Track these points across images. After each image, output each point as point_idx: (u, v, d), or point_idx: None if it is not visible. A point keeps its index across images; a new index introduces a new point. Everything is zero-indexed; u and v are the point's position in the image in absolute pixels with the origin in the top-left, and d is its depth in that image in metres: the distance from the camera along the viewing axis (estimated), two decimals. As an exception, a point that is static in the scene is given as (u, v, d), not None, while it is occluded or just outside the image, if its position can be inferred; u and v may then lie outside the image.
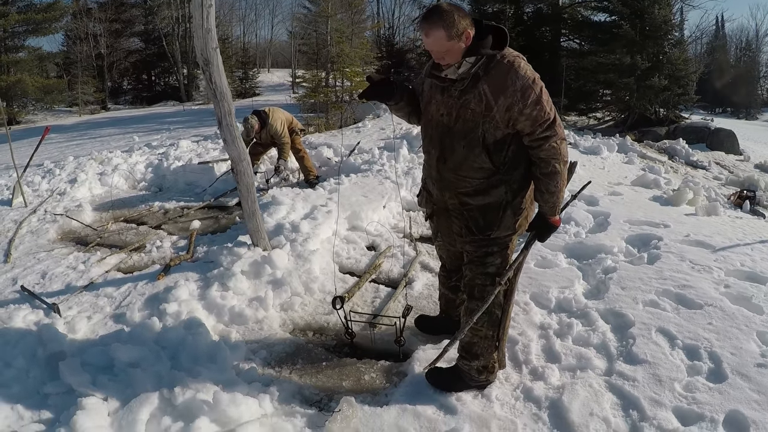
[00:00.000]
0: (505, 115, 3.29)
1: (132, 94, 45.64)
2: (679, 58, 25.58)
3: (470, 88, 3.36)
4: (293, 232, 6.32)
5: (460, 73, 3.36)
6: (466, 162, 3.51)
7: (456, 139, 3.50)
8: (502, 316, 3.78)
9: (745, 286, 5.32)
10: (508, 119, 3.30)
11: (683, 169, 17.47)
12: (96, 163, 11.31)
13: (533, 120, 3.27)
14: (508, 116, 3.29)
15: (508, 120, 3.31)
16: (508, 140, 3.42)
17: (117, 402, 3.56)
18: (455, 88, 3.43)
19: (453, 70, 3.37)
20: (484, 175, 3.51)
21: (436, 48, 3.30)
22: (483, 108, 3.33)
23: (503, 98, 3.25)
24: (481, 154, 3.44)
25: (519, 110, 3.25)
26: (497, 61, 3.30)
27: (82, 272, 6.03)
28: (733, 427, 3.53)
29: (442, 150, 3.61)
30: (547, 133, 3.30)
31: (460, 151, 3.50)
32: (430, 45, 3.31)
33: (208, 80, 5.36)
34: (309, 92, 20.43)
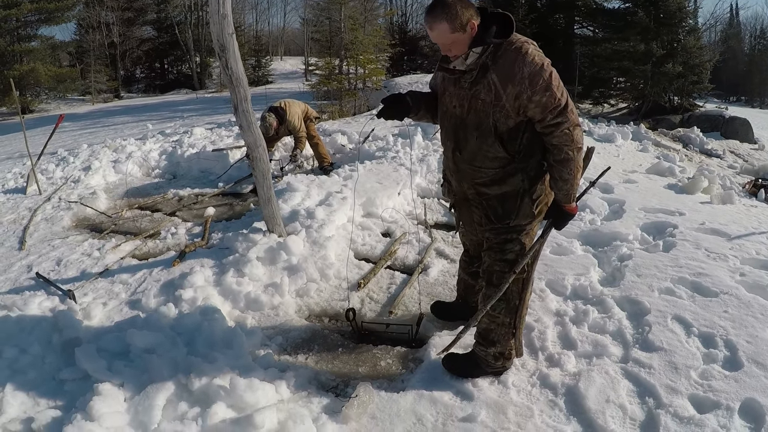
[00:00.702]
0: (515, 103, 3.26)
1: (145, 82, 45.63)
2: (694, 46, 25.38)
3: (480, 79, 3.34)
4: (308, 219, 6.32)
5: (468, 64, 3.34)
6: (480, 152, 3.50)
7: (469, 130, 3.49)
8: (520, 304, 3.77)
9: (760, 275, 5.29)
10: (518, 107, 3.27)
11: (698, 158, 17.40)
12: (110, 151, 11.35)
13: (543, 106, 3.22)
14: (518, 104, 3.26)
15: (518, 108, 3.28)
16: (521, 128, 3.39)
17: (133, 388, 3.55)
18: (465, 80, 3.42)
19: (461, 62, 3.36)
20: (500, 165, 3.49)
21: (441, 41, 3.30)
22: (493, 97, 3.31)
23: (511, 86, 3.23)
24: (494, 143, 3.42)
25: (528, 97, 3.21)
26: (504, 48, 3.27)
27: (97, 259, 6.06)
28: (749, 415, 3.51)
29: (457, 142, 3.62)
30: (558, 119, 3.25)
31: (474, 142, 3.49)
32: (435, 38, 3.30)
33: (223, 66, 5.36)
34: (322, 80, 20.41)
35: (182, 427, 3.20)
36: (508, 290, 3.68)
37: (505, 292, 3.68)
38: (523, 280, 3.73)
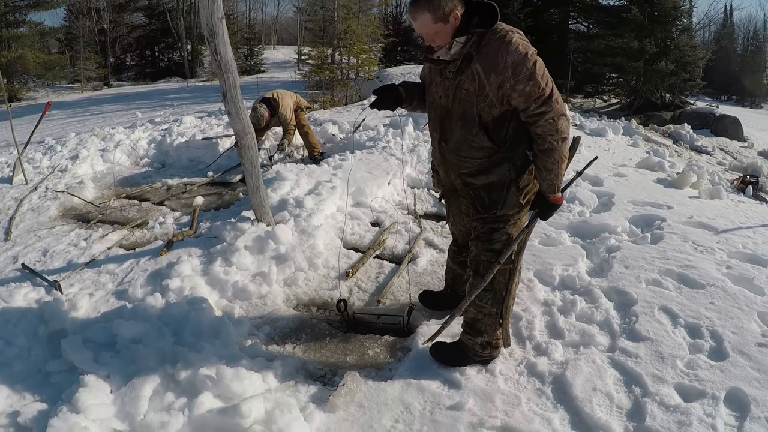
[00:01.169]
0: (498, 92, 3.24)
1: (135, 70, 45.30)
2: (687, 44, 25.53)
3: (464, 68, 3.33)
4: (297, 208, 6.31)
5: (452, 53, 3.34)
6: (465, 143, 3.50)
7: (454, 120, 3.49)
8: (506, 295, 3.77)
9: (746, 268, 5.33)
10: (502, 96, 3.25)
11: (687, 154, 17.49)
12: (98, 140, 11.28)
13: (527, 96, 3.20)
14: (501, 93, 3.24)
15: (501, 97, 3.26)
16: (507, 117, 3.37)
17: (120, 378, 3.54)
18: (449, 69, 3.41)
19: (444, 52, 3.35)
20: (485, 155, 3.48)
21: (424, 31, 3.30)
22: (476, 87, 3.30)
23: (494, 75, 3.21)
24: (479, 133, 3.41)
25: (511, 86, 3.19)
26: (488, 38, 3.26)
27: (84, 249, 6.02)
28: (734, 404, 3.55)
29: (443, 132, 3.61)
30: (542, 108, 3.22)
31: (459, 132, 3.49)
32: (418, 28, 3.30)
33: (213, 51, 5.33)
34: (314, 69, 20.39)
35: (169, 418, 3.19)
36: (495, 280, 3.70)
37: (492, 283, 3.70)
38: (510, 271, 3.73)
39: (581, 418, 3.46)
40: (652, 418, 3.40)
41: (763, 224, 6.85)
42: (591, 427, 3.39)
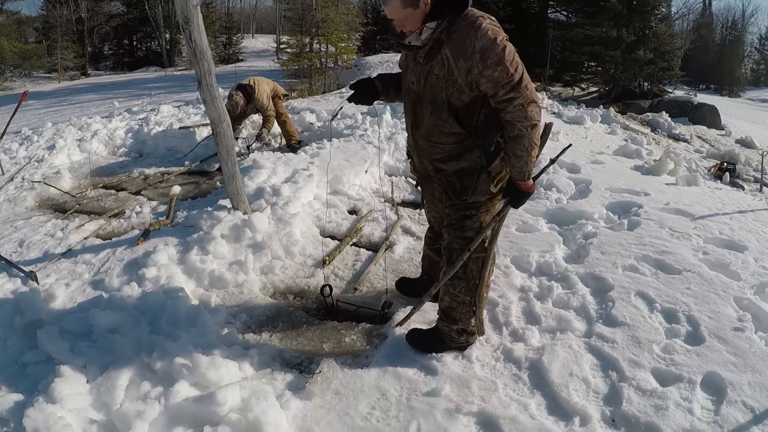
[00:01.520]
0: (467, 77, 3.21)
1: (113, 59, 45.05)
2: (665, 33, 25.74)
3: (434, 54, 3.30)
4: (274, 196, 6.29)
5: (423, 39, 3.31)
6: (435, 128, 3.47)
7: (424, 105, 3.47)
8: (479, 283, 3.77)
9: (723, 254, 5.38)
10: (471, 82, 3.22)
11: (665, 142, 17.60)
12: (75, 129, 11.16)
13: (495, 81, 3.16)
14: (470, 79, 3.21)
15: (470, 83, 3.23)
16: (478, 104, 3.35)
17: (96, 368, 3.51)
18: (420, 55, 3.39)
19: (415, 37, 3.32)
20: (456, 140, 3.46)
21: (395, 16, 3.30)
22: (446, 72, 3.27)
23: (463, 61, 3.19)
24: (448, 119, 3.39)
25: (479, 72, 3.16)
26: (459, 23, 3.22)
27: (61, 239, 5.97)
28: (711, 388, 3.58)
29: (415, 117, 3.59)
30: (511, 94, 3.18)
31: (429, 117, 3.47)
32: (389, 13, 3.30)
33: (187, 39, 5.29)
34: (293, 58, 20.32)
35: (145, 407, 3.16)
36: (468, 269, 3.70)
37: (465, 271, 3.70)
38: (483, 259, 3.72)
39: (558, 404, 3.47)
40: (628, 403, 3.42)
41: (740, 210, 6.91)
42: (568, 412, 3.40)
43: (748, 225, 6.33)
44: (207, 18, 38.55)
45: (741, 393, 3.49)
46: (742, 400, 3.44)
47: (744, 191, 11.14)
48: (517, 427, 3.26)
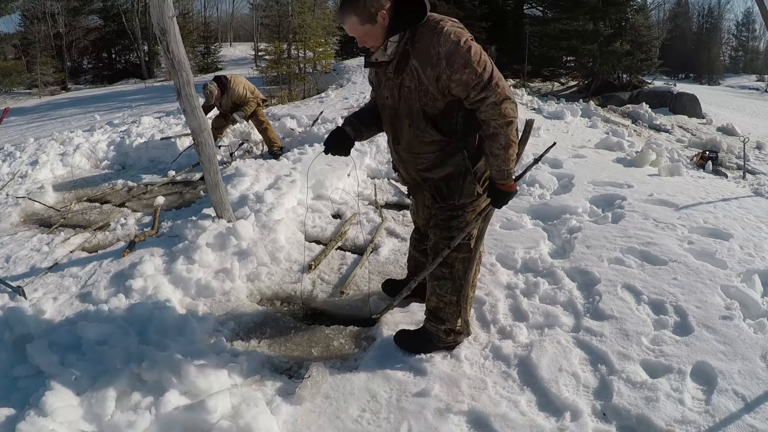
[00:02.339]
0: (437, 84, 3.20)
1: (92, 73, 44.88)
2: (642, 24, 25.89)
3: (403, 66, 3.28)
4: (258, 203, 6.29)
5: (389, 54, 3.30)
6: (416, 139, 3.47)
7: (401, 118, 3.47)
8: (465, 284, 3.77)
9: (708, 242, 5.41)
10: (442, 88, 3.21)
11: (646, 133, 17.67)
12: (57, 144, 11.13)
13: (465, 84, 3.14)
14: (441, 85, 3.19)
15: (442, 89, 3.22)
16: (454, 107, 3.34)
17: (86, 380, 3.51)
18: (389, 70, 3.38)
19: (381, 53, 3.32)
20: (438, 148, 3.46)
21: (354, 33, 3.29)
22: (417, 83, 3.26)
23: (430, 69, 3.17)
24: (426, 128, 3.38)
25: (448, 77, 3.14)
26: (420, 31, 3.20)
27: (47, 254, 5.94)
28: (701, 378, 3.59)
29: (394, 132, 3.60)
30: (482, 94, 3.15)
31: (408, 130, 3.47)
32: (349, 32, 3.29)
33: (165, 50, 5.28)
34: (271, 64, 20.30)
35: (136, 417, 3.17)
36: (455, 269, 3.71)
37: (452, 271, 3.71)
38: (468, 259, 3.72)
39: (548, 399, 3.48)
40: (619, 396, 3.43)
41: (724, 198, 6.96)
42: (558, 407, 3.41)
43: (732, 213, 6.37)
44: (184, 28, 38.46)
45: (731, 381, 3.50)
46: (733, 388, 3.45)
47: (727, 179, 11.21)
48: (507, 424, 3.27)
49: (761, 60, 68.01)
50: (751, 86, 54.47)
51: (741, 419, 3.23)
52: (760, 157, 16.81)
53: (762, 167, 15.41)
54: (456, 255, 3.67)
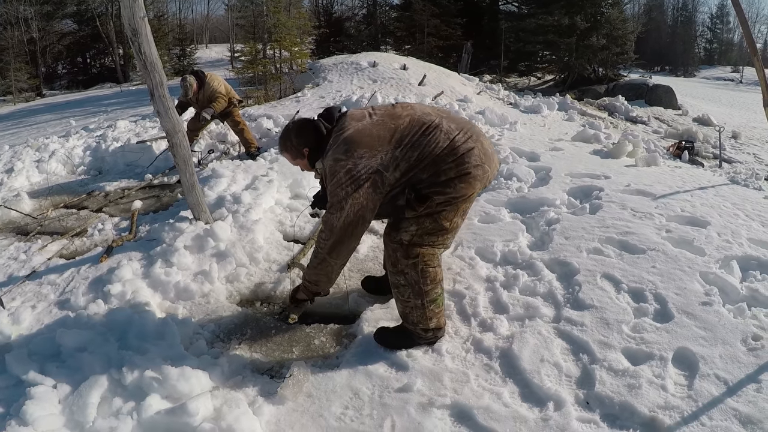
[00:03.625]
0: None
1: (67, 78, 44.36)
2: (617, 18, 26.10)
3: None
4: (235, 204, 6.29)
5: (319, 172, 3.91)
6: None
7: None
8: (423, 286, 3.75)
9: (686, 230, 5.45)
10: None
11: (623, 125, 17.82)
12: (32, 151, 11.01)
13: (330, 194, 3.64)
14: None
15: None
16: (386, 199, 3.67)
17: (67, 388, 3.49)
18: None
19: (316, 173, 4.03)
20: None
21: (293, 165, 4.10)
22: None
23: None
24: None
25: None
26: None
27: (24, 262, 5.89)
28: (683, 363, 3.63)
29: None
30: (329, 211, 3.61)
31: None
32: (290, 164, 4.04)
33: (137, 51, 5.25)
34: (247, 65, 20.23)
35: (117, 423, 3.16)
36: (408, 276, 3.74)
37: (406, 278, 3.76)
38: (413, 265, 3.73)
39: (531, 390, 3.50)
40: (601, 384, 3.45)
41: (701, 187, 7.02)
42: (541, 397, 3.42)
43: (709, 200, 6.43)
44: (159, 30, 38.28)
45: (713, 366, 3.53)
46: (715, 372, 3.48)
47: (704, 168, 11.29)
48: (491, 416, 3.27)
49: (735, 51, 68.60)
50: (726, 77, 55.11)
51: (724, 403, 3.25)
52: (736, 146, 17.00)
53: (738, 156, 15.59)
54: (406, 261, 3.72)
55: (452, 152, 3.54)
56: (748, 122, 21.84)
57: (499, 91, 18.88)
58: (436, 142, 3.53)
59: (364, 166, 3.46)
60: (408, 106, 3.80)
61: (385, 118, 3.64)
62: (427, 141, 3.52)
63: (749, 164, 14.68)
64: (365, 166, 3.46)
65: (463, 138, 3.59)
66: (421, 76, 17.30)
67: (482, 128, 10.86)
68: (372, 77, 17.43)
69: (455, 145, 3.55)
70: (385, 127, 3.57)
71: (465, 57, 26.99)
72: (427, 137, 3.53)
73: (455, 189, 3.57)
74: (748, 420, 3.11)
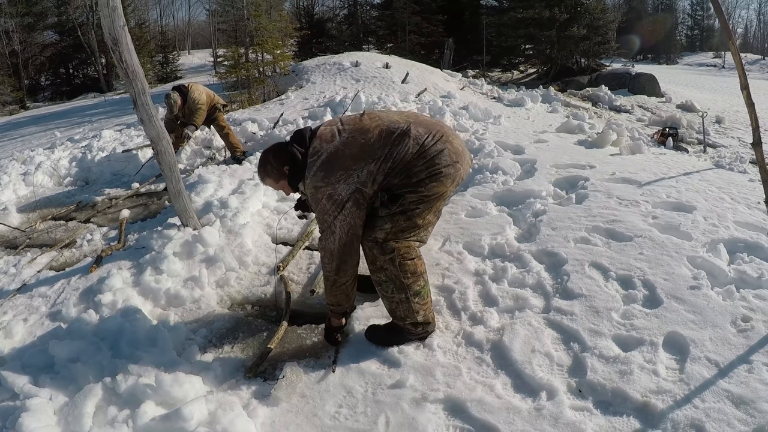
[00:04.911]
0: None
1: (51, 89, 44.14)
2: (597, 8, 26.17)
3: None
4: (222, 209, 6.29)
5: (303, 192, 3.99)
6: None
7: None
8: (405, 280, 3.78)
9: (672, 216, 5.48)
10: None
11: (607, 114, 17.87)
12: (18, 164, 10.97)
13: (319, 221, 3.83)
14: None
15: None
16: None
17: (62, 398, 3.50)
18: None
19: (300, 194, 4.13)
20: None
21: (276, 189, 4.20)
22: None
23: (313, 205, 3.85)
24: None
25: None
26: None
27: (14, 275, 5.88)
28: (673, 347, 3.66)
29: None
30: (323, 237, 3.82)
31: None
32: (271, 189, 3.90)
33: (118, 60, 5.25)
34: (230, 69, 20.20)
35: (113, 431, 3.16)
36: (388, 271, 3.78)
37: (387, 274, 3.80)
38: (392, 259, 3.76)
39: (523, 381, 3.53)
40: (593, 372, 3.48)
41: (685, 172, 7.05)
42: (534, 387, 3.45)
43: (694, 186, 6.46)
44: (141, 38, 38.15)
45: (703, 349, 3.56)
46: (705, 355, 3.51)
47: (688, 153, 11.39)
48: (484, 408, 3.30)
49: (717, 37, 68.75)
50: (709, 63, 55.37)
51: (716, 384, 3.28)
52: (720, 131, 17.08)
53: (722, 140, 15.66)
54: (383, 258, 3.76)
55: (422, 156, 3.63)
56: (732, 106, 21.93)
57: (482, 85, 18.93)
58: (407, 149, 3.62)
59: (344, 188, 3.61)
60: (376, 116, 3.87)
61: (355, 134, 3.72)
62: (398, 150, 3.62)
63: (734, 148, 14.76)
64: (344, 188, 3.61)
65: (432, 141, 3.67)
66: (404, 74, 17.35)
67: (466, 123, 10.92)
68: (355, 77, 17.45)
69: (425, 149, 3.64)
70: (356, 145, 3.67)
71: (447, 53, 27.08)
72: (397, 146, 3.62)
73: (427, 188, 3.64)
74: (740, 400, 3.14)
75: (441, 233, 5.58)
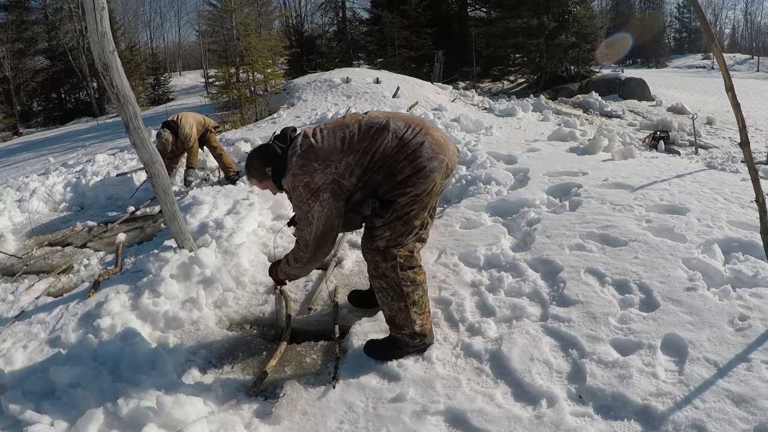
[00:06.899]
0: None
1: (43, 115, 44.07)
2: (584, 16, 26.30)
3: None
4: (218, 229, 6.30)
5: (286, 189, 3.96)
6: None
7: None
8: (404, 288, 3.82)
9: (666, 219, 5.51)
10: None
11: (598, 120, 17.94)
12: (13, 191, 10.97)
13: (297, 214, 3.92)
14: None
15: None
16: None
17: (64, 424, 3.49)
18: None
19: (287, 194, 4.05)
20: None
21: (263, 190, 4.30)
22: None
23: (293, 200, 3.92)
24: None
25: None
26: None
27: (12, 303, 5.86)
28: (672, 349, 3.68)
29: None
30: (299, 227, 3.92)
31: None
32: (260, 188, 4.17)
33: (108, 85, 5.26)
34: (221, 89, 20.23)
35: (116, 456, 3.16)
36: (389, 278, 3.81)
37: (387, 281, 3.83)
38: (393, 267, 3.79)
39: (523, 389, 3.53)
40: (592, 377, 3.49)
41: (678, 175, 7.10)
42: (534, 395, 3.46)
43: (687, 188, 6.50)
44: (132, 61, 38.20)
45: (702, 349, 3.57)
46: (704, 356, 3.52)
47: (680, 156, 11.42)
48: (485, 418, 3.30)
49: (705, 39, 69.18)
50: (698, 65, 55.63)
51: (715, 384, 3.29)
52: (711, 132, 17.16)
53: (714, 141, 15.74)
54: (385, 265, 3.79)
55: (402, 149, 3.63)
56: (722, 107, 21.98)
57: (473, 97, 18.99)
58: (386, 142, 3.64)
59: (321, 177, 3.64)
60: (357, 114, 3.96)
61: (335, 129, 3.80)
62: (377, 144, 3.64)
63: (725, 148, 14.85)
64: (321, 177, 3.64)
65: (411, 134, 3.68)
66: (394, 88, 17.40)
67: (458, 135, 10.93)
68: (346, 93, 17.52)
69: (405, 142, 3.64)
70: (335, 138, 3.74)
71: (437, 66, 27.16)
72: (376, 140, 3.65)
73: (415, 186, 3.64)
74: (741, 399, 3.15)
75: (436, 246, 5.61)
